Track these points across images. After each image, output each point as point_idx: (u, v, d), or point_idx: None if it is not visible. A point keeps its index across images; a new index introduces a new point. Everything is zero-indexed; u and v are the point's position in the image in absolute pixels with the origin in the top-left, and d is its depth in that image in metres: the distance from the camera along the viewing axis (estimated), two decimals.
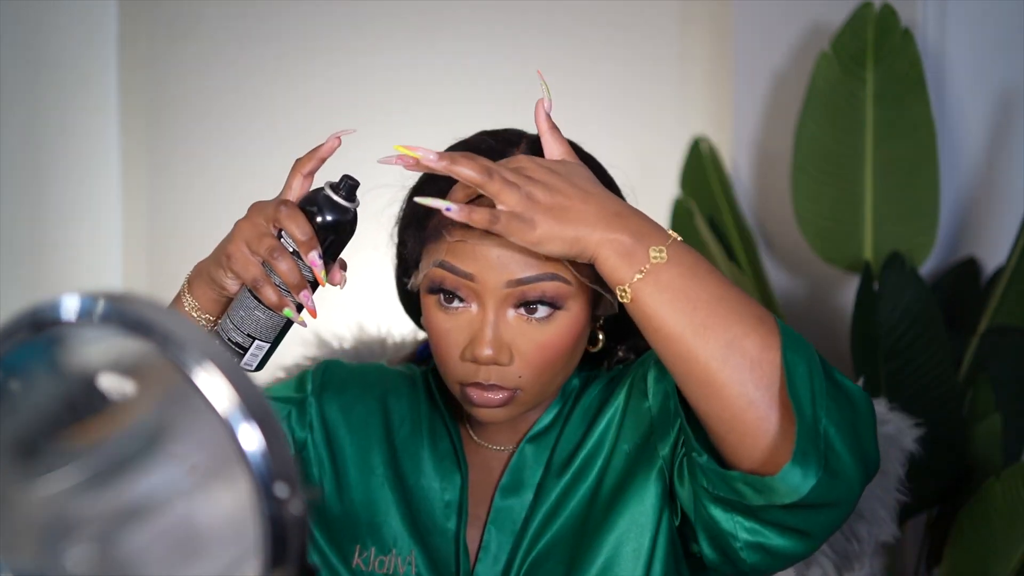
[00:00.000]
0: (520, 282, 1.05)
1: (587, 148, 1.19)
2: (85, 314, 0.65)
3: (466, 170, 0.97)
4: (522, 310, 1.07)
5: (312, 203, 1.02)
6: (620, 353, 1.23)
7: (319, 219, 1.02)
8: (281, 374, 1.56)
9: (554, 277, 1.06)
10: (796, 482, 0.95)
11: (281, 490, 0.63)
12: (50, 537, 0.69)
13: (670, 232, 1.00)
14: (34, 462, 0.69)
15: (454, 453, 1.20)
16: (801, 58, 2.03)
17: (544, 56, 2.27)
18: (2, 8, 2.11)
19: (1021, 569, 1.53)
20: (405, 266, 1.15)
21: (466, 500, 1.18)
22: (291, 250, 1.01)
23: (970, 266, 1.89)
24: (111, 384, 0.68)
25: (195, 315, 1.07)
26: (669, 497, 1.12)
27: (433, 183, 1.10)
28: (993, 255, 1.88)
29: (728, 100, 2.16)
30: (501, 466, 1.19)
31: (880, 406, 1.55)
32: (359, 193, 1.03)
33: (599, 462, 1.16)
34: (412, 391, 1.25)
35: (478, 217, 0.97)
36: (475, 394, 1.09)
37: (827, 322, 2.04)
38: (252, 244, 1.01)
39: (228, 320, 1.05)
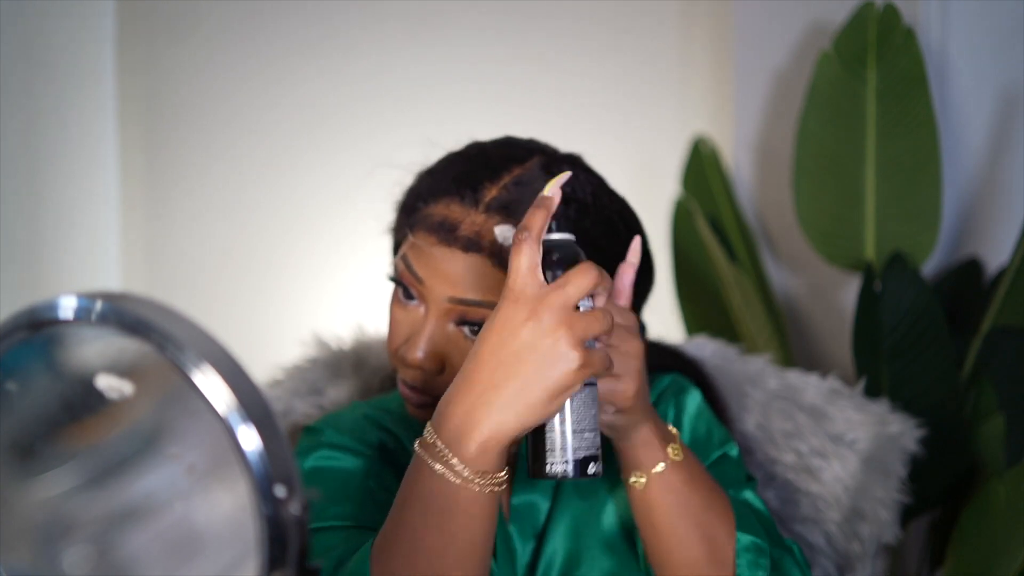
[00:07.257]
0: (463, 302, 1.05)
1: (587, 148, 1.18)
2: (83, 314, 0.65)
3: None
4: (465, 328, 1.07)
5: (560, 250, 0.93)
6: None
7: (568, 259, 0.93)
8: (280, 375, 1.55)
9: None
10: None
11: (280, 491, 0.62)
12: (47, 538, 0.69)
13: (671, 428, 1.05)
14: (31, 463, 0.69)
15: None
16: (802, 57, 2.02)
17: (545, 56, 2.26)
18: (0, 8, 2.11)
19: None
20: (395, 248, 1.17)
21: None
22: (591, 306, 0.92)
23: (973, 266, 1.89)
24: (109, 384, 0.68)
25: (491, 487, 0.91)
26: None
27: (429, 175, 1.11)
28: (996, 255, 1.87)
29: (729, 100, 2.16)
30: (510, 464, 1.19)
31: (882, 407, 1.55)
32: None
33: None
34: (382, 424, 1.21)
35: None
36: (403, 389, 1.11)
37: (828, 322, 2.03)
38: (594, 334, 0.90)
39: (569, 444, 0.92)
